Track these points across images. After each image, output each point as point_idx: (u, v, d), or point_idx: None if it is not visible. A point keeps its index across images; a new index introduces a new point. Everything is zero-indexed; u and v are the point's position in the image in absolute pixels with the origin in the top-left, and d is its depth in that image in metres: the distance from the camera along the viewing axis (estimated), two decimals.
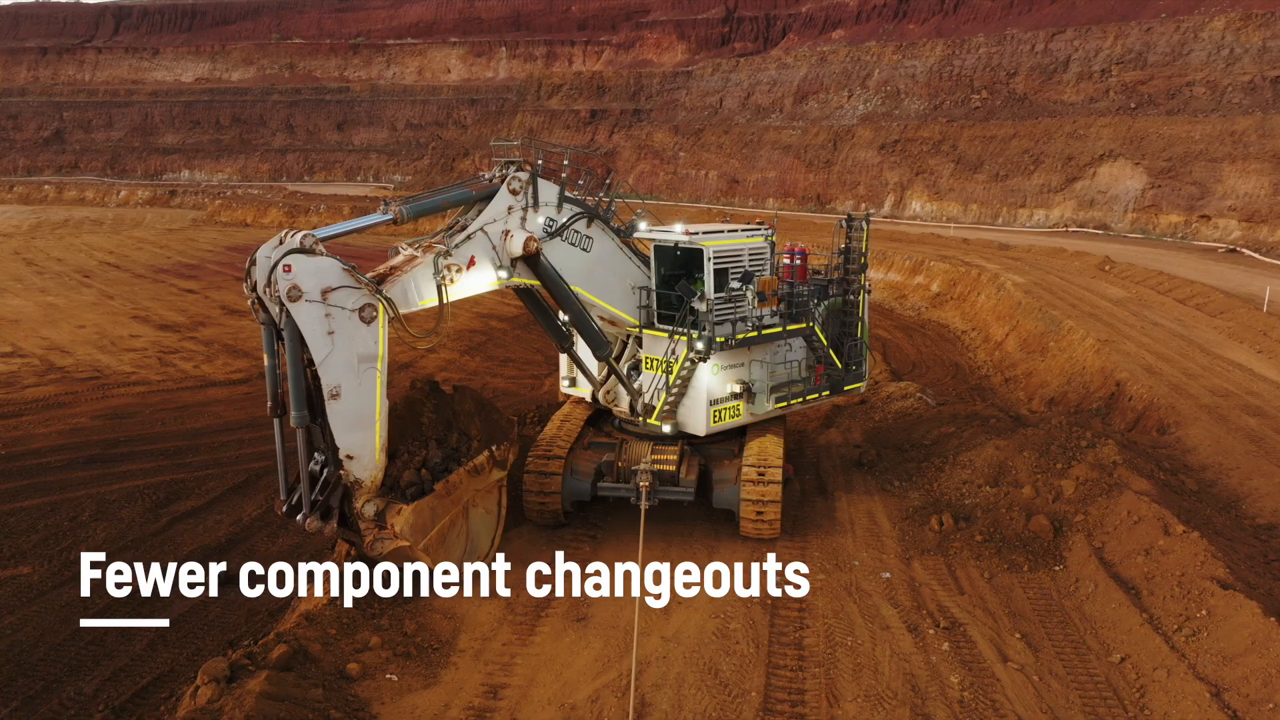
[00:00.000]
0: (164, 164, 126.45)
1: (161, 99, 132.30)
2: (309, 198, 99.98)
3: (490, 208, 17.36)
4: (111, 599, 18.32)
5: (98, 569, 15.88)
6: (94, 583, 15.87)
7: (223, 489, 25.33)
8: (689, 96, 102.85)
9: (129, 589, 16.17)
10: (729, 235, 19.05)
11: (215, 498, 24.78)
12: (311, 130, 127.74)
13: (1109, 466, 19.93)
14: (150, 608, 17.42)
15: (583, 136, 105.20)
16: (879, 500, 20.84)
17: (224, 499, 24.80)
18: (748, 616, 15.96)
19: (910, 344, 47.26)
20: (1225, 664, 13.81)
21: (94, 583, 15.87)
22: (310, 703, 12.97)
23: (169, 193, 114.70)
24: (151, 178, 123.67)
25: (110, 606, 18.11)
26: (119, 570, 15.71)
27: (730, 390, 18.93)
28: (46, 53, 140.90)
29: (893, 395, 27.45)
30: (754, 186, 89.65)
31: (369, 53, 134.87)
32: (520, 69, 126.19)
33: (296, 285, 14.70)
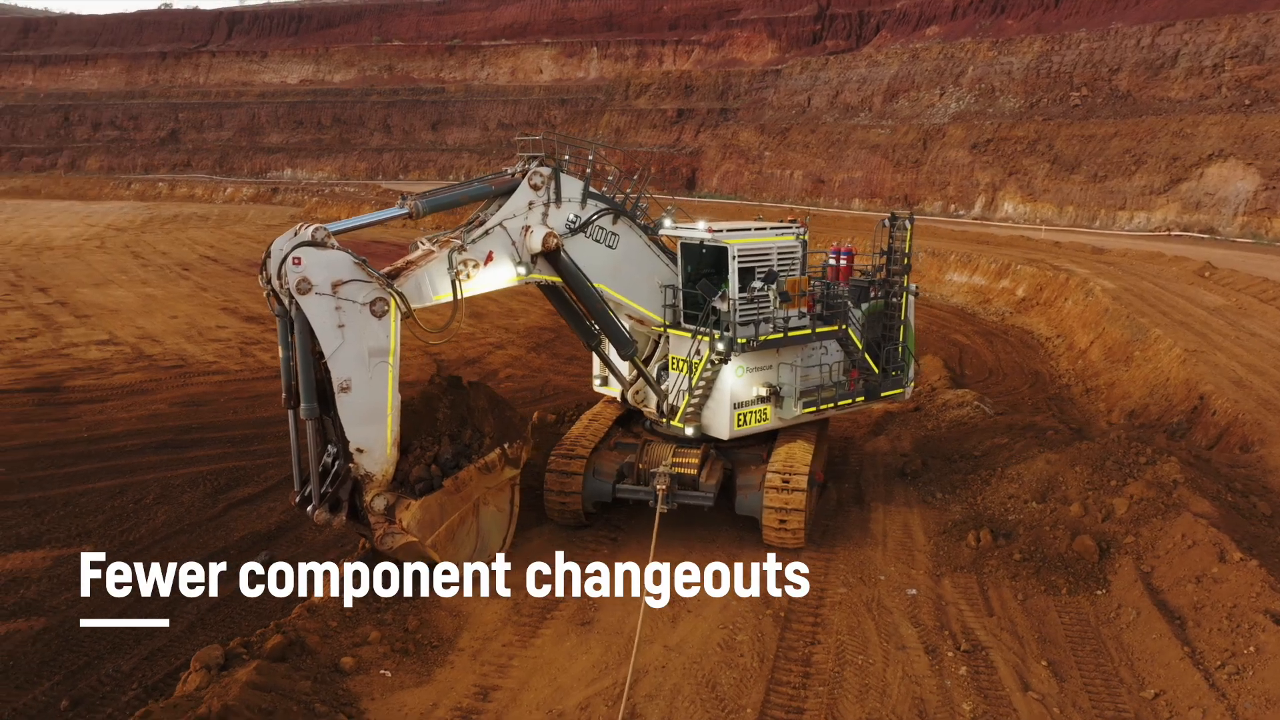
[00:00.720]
0: (268, 162, 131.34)
1: (268, 100, 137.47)
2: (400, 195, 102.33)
3: (510, 203, 17.21)
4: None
5: (97, 568, 16.24)
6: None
7: (280, 477, 25.77)
8: (777, 95, 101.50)
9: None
10: (756, 233, 18.45)
11: (272, 486, 25.16)
12: (407, 130, 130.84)
13: (1168, 485, 18.58)
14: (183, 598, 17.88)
15: (668, 136, 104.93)
16: (917, 512, 19.92)
17: (280, 487, 25.21)
18: (757, 628, 15.38)
19: (989, 350, 45.48)
20: (1268, 707, 12.62)
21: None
22: (298, 695, 12.98)
23: (271, 190, 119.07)
24: (256, 176, 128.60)
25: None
26: (119, 570, 16.03)
27: (756, 393, 18.33)
28: (165, 57, 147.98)
29: (948, 403, 26.30)
30: (839, 187, 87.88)
31: (464, 54, 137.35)
32: (610, 69, 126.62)
33: (306, 278, 14.79)
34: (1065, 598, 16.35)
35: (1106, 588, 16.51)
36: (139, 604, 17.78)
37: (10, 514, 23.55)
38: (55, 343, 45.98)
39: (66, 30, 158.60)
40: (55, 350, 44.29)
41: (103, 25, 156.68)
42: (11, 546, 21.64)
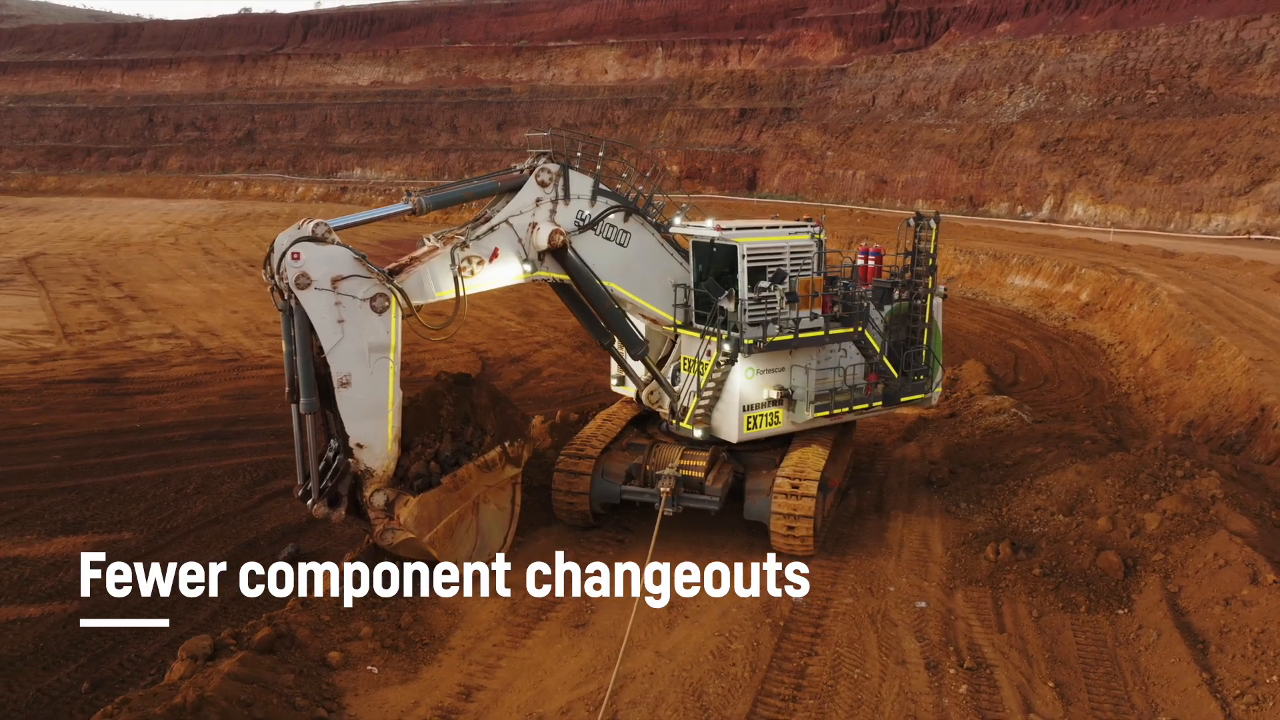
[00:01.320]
0: (339, 162, 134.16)
1: (340, 101, 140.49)
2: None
3: (516, 199, 17.09)
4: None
5: (97, 569, 16.50)
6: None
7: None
8: (841, 94, 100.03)
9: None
10: (768, 232, 18.01)
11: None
12: (473, 130, 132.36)
13: (1206, 501, 17.61)
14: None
15: (730, 136, 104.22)
16: (938, 522, 19.24)
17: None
18: (754, 637, 14.97)
19: (1047, 356, 44.04)
20: None
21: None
22: (279, 687, 13.03)
23: (340, 189, 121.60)
24: (327, 175, 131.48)
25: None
26: (119, 570, 16.28)
27: (767, 396, 17.88)
28: (244, 60, 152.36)
29: (985, 410, 25.40)
30: (903, 187, 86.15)
31: (530, 55, 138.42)
32: (675, 69, 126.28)
33: (305, 273, 14.87)
34: (1084, 616, 15.59)
35: (1129, 607, 15.69)
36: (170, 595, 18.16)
37: (59, 500, 24.23)
38: (121, 335, 47.50)
39: (153, 35, 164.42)
40: (120, 343, 45.73)
41: (186, 30, 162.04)
42: (57, 531, 22.24)
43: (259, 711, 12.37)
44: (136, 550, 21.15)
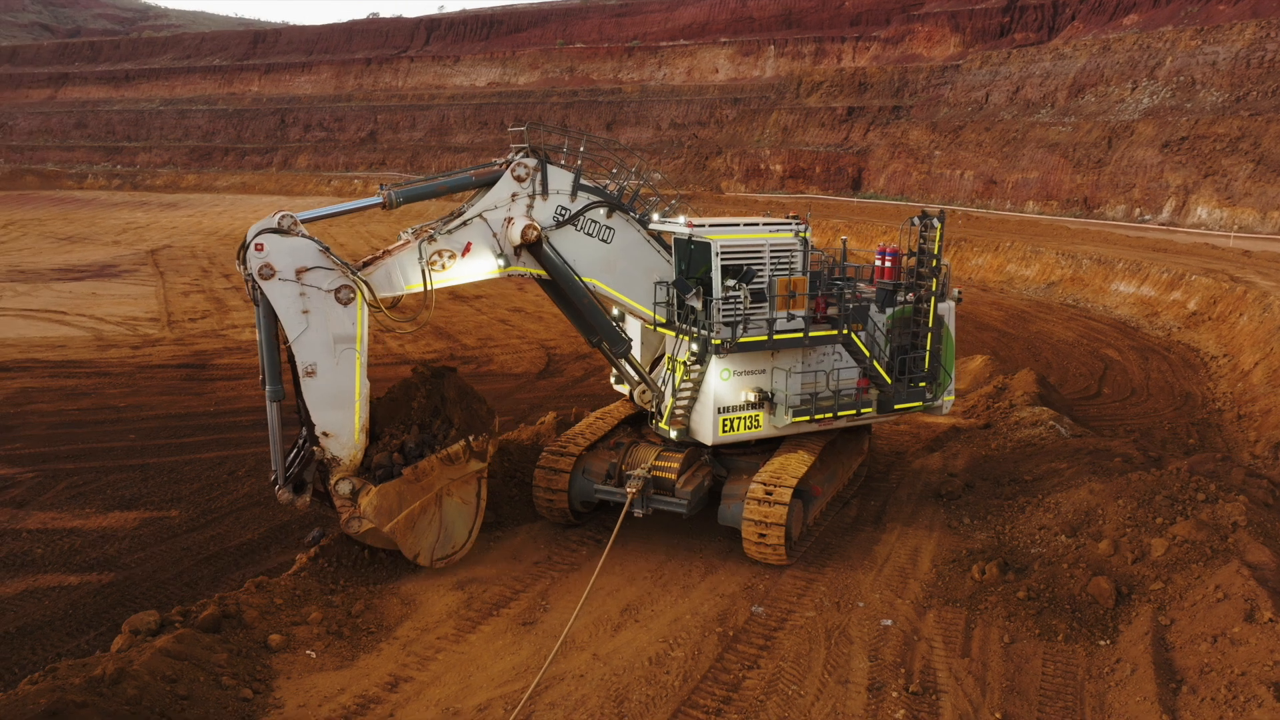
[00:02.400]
0: (454, 161, 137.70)
1: (457, 102, 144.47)
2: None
3: (491, 194, 17.11)
4: (227, 546, 20.28)
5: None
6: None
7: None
8: (953, 92, 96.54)
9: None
10: (745, 229, 17.42)
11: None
12: (583, 130, 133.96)
13: (1225, 528, 16.10)
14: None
15: (836, 135, 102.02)
16: (935, 538, 18.26)
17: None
18: (698, 645, 14.53)
19: (1141, 368, 41.44)
20: None
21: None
22: (210, 665, 13.39)
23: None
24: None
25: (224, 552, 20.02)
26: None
27: (745, 398, 17.32)
28: (370, 62, 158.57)
29: (1022, 421, 23.95)
30: (1012, 188, 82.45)
31: (642, 55, 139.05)
32: (787, 67, 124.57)
33: (269, 263, 15.27)
34: (1060, 645, 14.49)
35: (1113, 638, 14.50)
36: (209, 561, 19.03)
37: (123, 477, 25.63)
38: (219, 324, 50.06)
39: (289, 40, 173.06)
40: (216, 331, 48.20)
41: (318, 35, 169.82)
42: (112, 506, 23.52)
43: (183, 688, 12.73)
44: (178, 527, 22.19)
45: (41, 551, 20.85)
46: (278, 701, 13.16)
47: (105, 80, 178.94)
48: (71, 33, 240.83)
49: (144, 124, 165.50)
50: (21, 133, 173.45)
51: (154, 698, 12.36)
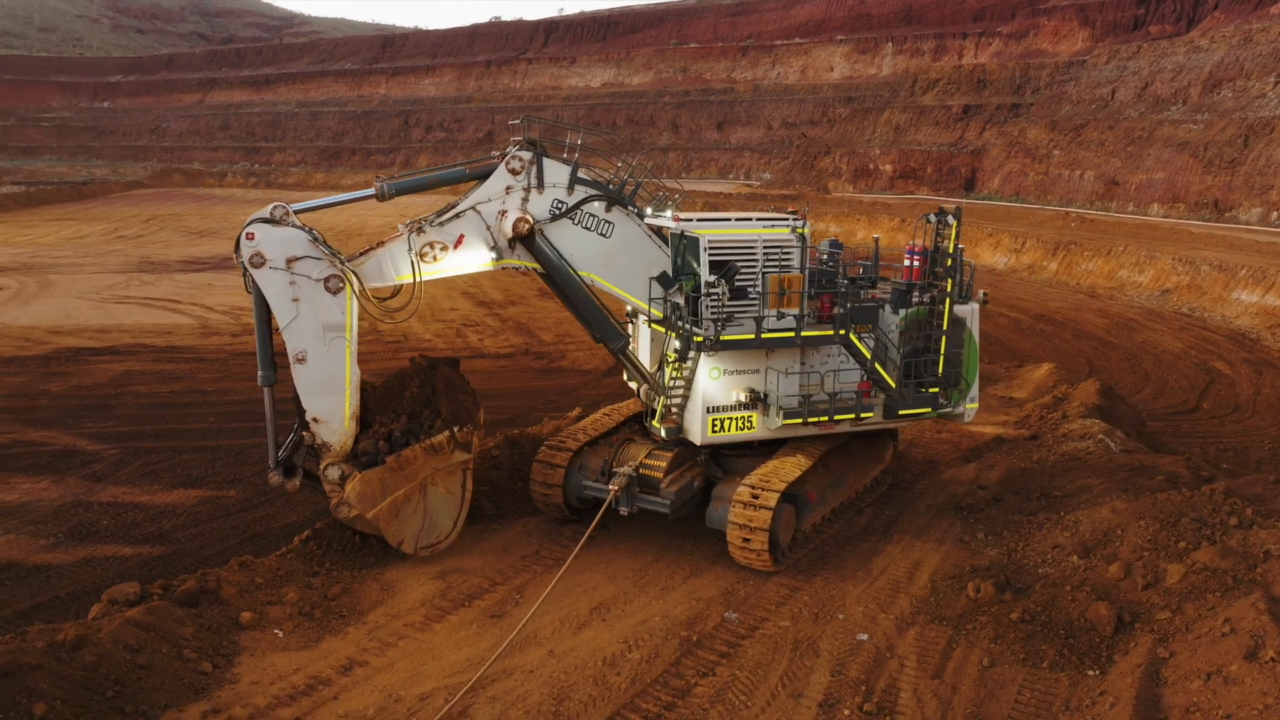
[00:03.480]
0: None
1: (572, 102, 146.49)
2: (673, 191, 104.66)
3: (484, 187, 17.22)
4: (272, 526, 20.92)
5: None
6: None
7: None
8: (1077, 88, 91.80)
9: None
10: (737, 225, 16.88)
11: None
12: (694, 129, 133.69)
13: (1255, 557, 14.67)
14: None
15: (950, 134, 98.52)
16: (942, 552, 17.31)
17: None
18: (657, 649, 14.17)
19: (1251, 383, 38.45)
20: None
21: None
22: (176, 637, 13.85)
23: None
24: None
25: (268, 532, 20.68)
26: None
27: (736, 398, 16.79)
28: (490, 64, 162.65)
29: (1070, 434, 22.43)
30: (1135, 190, 77.77)
31: (756, 54, 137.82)
32: (905, 64, 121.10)
33: (259, 252, 15.75)
34: (1043, 671, 13.48)
35: (1103, 668, 13.39)
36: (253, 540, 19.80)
37: (195, 457, 26.95)
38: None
39: (415, 44, 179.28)
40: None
41: (443, 38, 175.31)
42: (178, 484, 24.74)
43: (143, 658, 13.22)
44: (232, 506, 23.17)
45: (106, 523, 22.01)
46: (234, 677, 13.51)
47: (248, 84, 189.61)
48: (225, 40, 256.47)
49: (280, 125, 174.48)
50: (173, 134, 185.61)
51: (112, 665, 12.87)
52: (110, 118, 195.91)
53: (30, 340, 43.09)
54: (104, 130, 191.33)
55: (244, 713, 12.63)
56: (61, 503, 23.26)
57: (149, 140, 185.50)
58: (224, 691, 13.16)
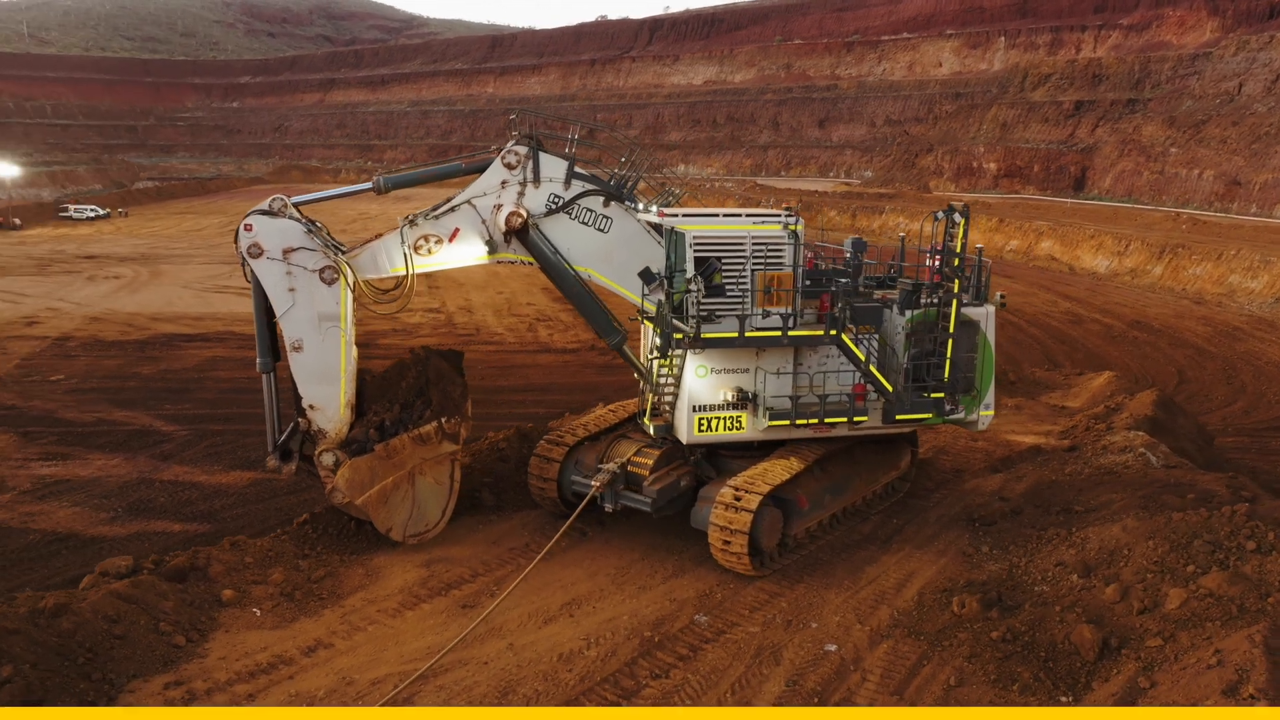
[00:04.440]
0: (665, 159, 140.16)
1: (673, 100, 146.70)
2: (766, 191, 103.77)
3: (480, 180, 17.36)
4: (313, 510, 21.44)
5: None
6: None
7: (499, 438, 24.54)
8: (1200, 83, 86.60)
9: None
10: (726, 221, 16.50)
11: (484, 445, 24.03)
12: (795, 127, 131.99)
13: (1270, 585, 13.50)
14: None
15: (1060, 131, 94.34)
16: (940, 565, 16.57)
17: (489, 447, 23.89)
18: (616, 648, 14.01)
19: None
20: None
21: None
22: (156, 611, 14.44)
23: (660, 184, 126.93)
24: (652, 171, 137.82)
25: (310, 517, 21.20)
26: None
27: (724, 398, 16.43)
28: (595, 63, 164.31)
29: (1110, 446, 21.07)
30: (1259, 190, 72.87)
31: (862, 50, 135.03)
32: (1017, 58, 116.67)
33: (257, 243, 16.29)
34: (1013, 695, 12.74)
35: (1077, 695, 12.57)
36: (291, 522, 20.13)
37: (257, 440, 27.91)
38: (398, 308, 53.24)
39: (523, 44, 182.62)
40: (391, 315, 51.29)
41: (550, 38, 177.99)
42: (236, 466, 25.80)
43: (120, 629, 13.83)
44: (281, 489, 24.07)
45: (163, 500, 23.11)
46: (204, 652, 13.99)
47: (364, 84, 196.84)
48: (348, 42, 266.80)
49: (393, 124, 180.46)
50: (294, 132, 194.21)
51: (88, 634, 13.49)
52: (239, 117, 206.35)
53: (133, 326, 45.67)
54: (232, 129, 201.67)
55: (203, 686, 13.07)
56: (127, 479, 24.48)
57: (272, 138, 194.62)
58: (191, 665, 13.63)
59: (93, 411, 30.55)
